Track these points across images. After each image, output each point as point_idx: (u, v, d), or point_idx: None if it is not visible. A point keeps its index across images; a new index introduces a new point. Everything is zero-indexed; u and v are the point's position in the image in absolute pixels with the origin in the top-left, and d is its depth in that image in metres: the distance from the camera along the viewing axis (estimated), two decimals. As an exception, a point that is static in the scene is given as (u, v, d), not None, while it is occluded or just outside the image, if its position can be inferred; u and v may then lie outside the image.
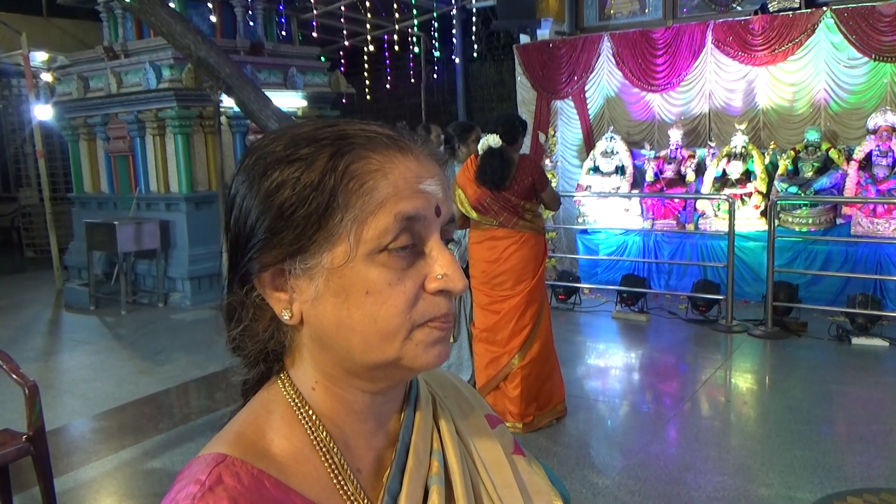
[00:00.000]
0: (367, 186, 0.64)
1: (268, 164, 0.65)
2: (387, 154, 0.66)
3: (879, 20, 6.29)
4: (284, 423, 0.68)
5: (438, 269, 0.66)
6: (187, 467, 0.65)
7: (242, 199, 0.66)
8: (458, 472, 0.73)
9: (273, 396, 0.70)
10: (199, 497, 0.60)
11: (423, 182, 0.66)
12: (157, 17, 6.09)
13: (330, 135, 0.66)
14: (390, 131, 0.68)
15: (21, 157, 12.37)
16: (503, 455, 0.80)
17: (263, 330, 0.69)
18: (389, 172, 0.65)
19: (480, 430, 0.82)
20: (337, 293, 0.64)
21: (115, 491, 3.64)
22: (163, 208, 7.92)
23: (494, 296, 4.01)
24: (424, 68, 12.50)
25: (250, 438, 0.67)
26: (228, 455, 0.64)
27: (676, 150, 7.37)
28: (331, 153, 0.65)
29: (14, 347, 5.72)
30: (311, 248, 0.64)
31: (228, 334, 0.71)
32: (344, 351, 0.66)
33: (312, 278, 0.65)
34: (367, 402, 0.70)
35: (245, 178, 0.67)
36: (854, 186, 6.42)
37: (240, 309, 0.70)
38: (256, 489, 0.63)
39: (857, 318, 5.60)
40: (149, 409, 4.71)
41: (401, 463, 0.71)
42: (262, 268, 0.66)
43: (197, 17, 7.87)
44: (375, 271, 0.64)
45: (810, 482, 3.39)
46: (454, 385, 0.86)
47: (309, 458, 0.67)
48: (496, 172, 3.87)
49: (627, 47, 7.55)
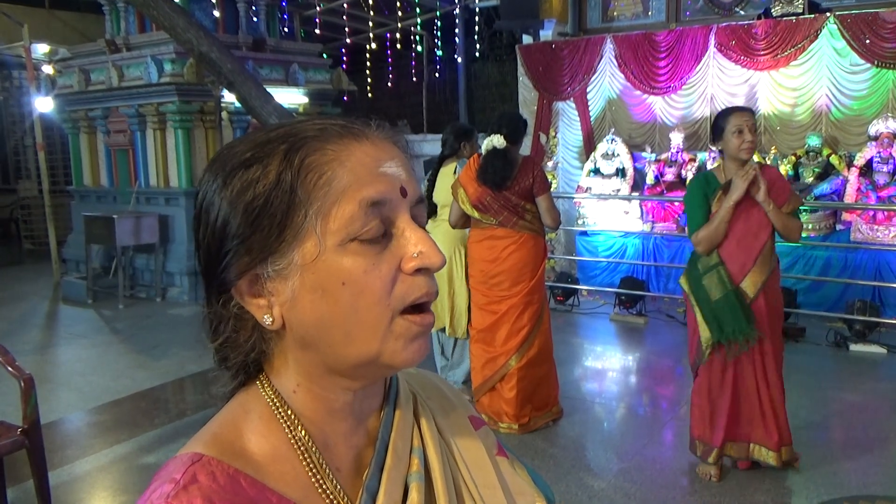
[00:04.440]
0: (325, 177, 0.64)
1: (227, 172, 0.65)
2: (341, 143, 0.66)
3: (882, 27, 6.29)
4: (262, 423, 0.68)
5: (413, 248, 0.65)
6: (164, 467, 0.65)
7: (208, 211, 0.66)
8: (438, 470, 0.73)
9: (251, 397, 0.70)
10: (173, 496, 0.60)
11: (383, 165, 0.66)
12: (160, 12, 6.09)
13: (282, 133, 0.66)
14: (342, 121, 0.68)
15: (21, 149, 12.36)
16: (486, 456, 0.80)
17: (245, 340, 0.69)
18: (346, 160, 0.65)
19: (463, 429, 0.81)
20: (314, 289, 0.64)
21: (109, 485, 3.63)
22: (162, 203, 7.91)
23: (492, 296, 4.01)
24: (426, 67, 12.50)
25: (227, 438, 0.67)
26: (204, 454, 0.64)
27: (677, 154, 7.37)
28: (285, 150, 0.64)
29: (10, 340, 5.71)
30: (280, 249, 0.64)
31: (213, 348, 0.70)
32: (327, 347, 0.66)
33: (287, 278, 0.64)
34: (348, 400, 0.70)
35: (208, 191, 0.67)
36: (854, 193, 6.42)
37: (220, 321, 0.69)
38: (232, 488, 0.62)
39: (856, 325, 5.60)
40: (145, 404, 4.70)
41: (380, 461, 0.71)
42: (237, 276, 0.65)
43: (199, 12, 7.86)
44: (349, 260, 0.63)
45: (806, 488, 3.38)
46: (436, 385, 0.86)
47: (287, 458, 0.67)
48: (498, 172, 3.87)
49: (630, 49, 7.55)
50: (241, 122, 8.05)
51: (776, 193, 3.23)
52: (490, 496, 0.76)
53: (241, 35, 8.23)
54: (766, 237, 3.24)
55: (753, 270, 3.24)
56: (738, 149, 3.17)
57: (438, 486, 0.72)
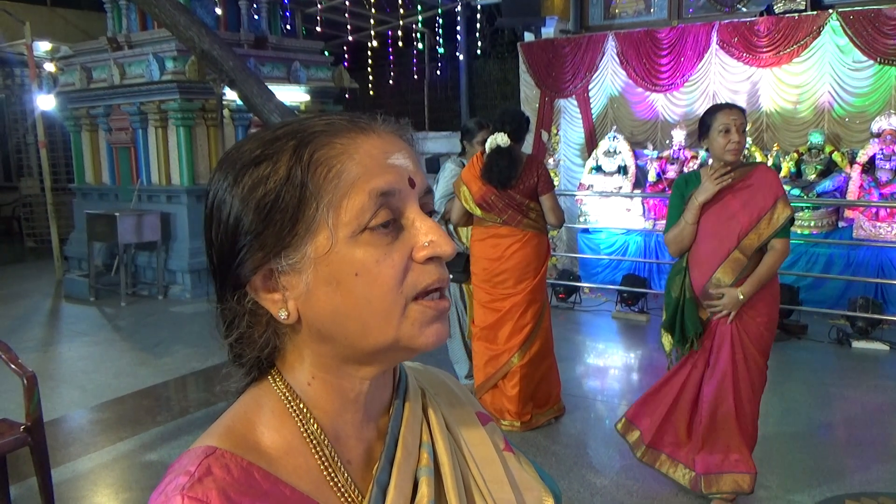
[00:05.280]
0: (335, 171, 0.65)
1: (238, 171, 0.66)
2: (349, 136, 0.67)
3: (885, 23, 6.27)
4: (275, 417, 0.69)
5: (423, 237, 0.67)
6: (178, 460, 0.66)
7: (220, 209, 0.67)
8: (447, 465, 0.73)
9: (264, 392, 0.71)
10: (188, 488, 0.61)
11: (391, 157, 0.67)
12: (162, 9, 6.07)
13: (290, 130, 0.67)
14: (348, 115, 0.70)
15: (23, 147, 12.37)
16: (494, 451, 0.81)
17: (259, 336, 0.69)
18: (355, 153, 0.66)
19: (471, 425, 0.82)
20: (328, 281, 0.65)
21: (112, 483, 3.63)
22: (164, 200, 7.91)
23: (496, 294, 4.00)
24: (428, 65, 12.49)
25: (240, 432, 0.68)
26: (218, 448, 0.65)
27: (679, 151, 7.36)
28: (294, 146, 0.66)
29: (13, 337, 5.72)
30: (293, 243, 0.65)
31: (227, 344, 0.71)
32: (343, 339, 0.67)
33: (301, 272, 0.65)
34: (363, 390, 0.71)
35: (219, 190, 0.67)
36: (857, 190, 6.41)
37: (234, 317, 0.70)
38: (246, 480, 0.63)
39: (858, 322, 5.59)
40: (147, 402, 4.71)
41: (390, 455, 0.71)
42: (252, 271, 0.66)
43: (201, 10, 7.85)
44: (361, 251, 0.64)
45: (808, 485, 3.38)
46: (444, 382, 0.87)
47: (299, 451, 0.68)
48: (503, 172, 3.86)
49: (632, 47, 7.53)
50: (242, 119, 8.06)
51: (762, 197, 2.96)
52: (498, 491, 0.77)
53: (242, 33, 8.23)
54: (734, 244, 2.95)
55: (716, 275, 2.99)
56: (724, 149, 2.91)
57: (448, 480, 0.72)
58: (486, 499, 0.75)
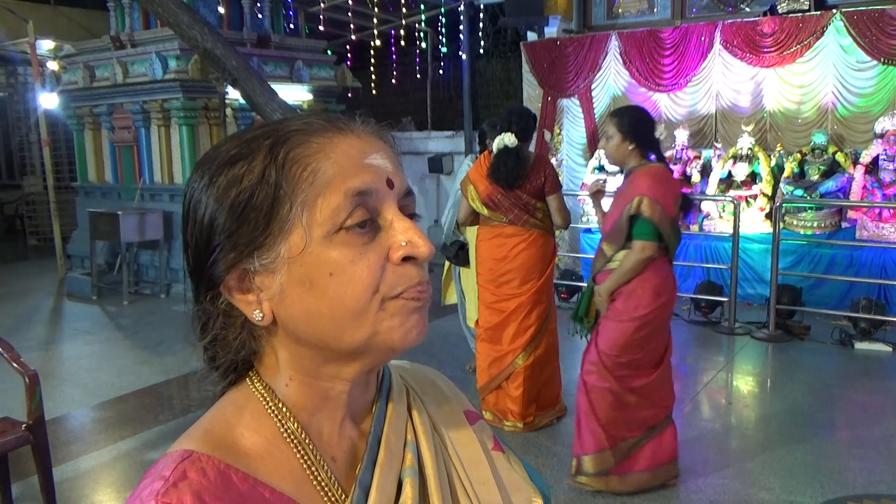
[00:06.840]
0: (310, 169, 0.64)
1: (214, 170, 0.66)
2: (325, 136, 0.66)
3: (889, 24, 6.25)
4: (254, 418, 0.68)
5: (400, 237, 0.66)
6: (154, 465, 0.65)
7: (196, 209, 0.66)
8: (431, 466, 0.72)
9: (242, 394, 0.70)
10: (162, 493, 0.60)
11: (369, 157, 0.67)
12: (164, 8, 6.08)
13: (267, 130, 0.67)
14: (326, 116, 0.69)
15: (26, 145, 12.38)
16: (481, 451, 0.80)
17: (234, 338, 0.69)
18: (331, 152, 0.65)
19: (457, 425, 0.81)
20: (301, 282, 0.64)
21: (113, 481, 3.64)
22: (166, 199, 7.92)
23: (501, 294, 3.99)
24: (431, 64, 12.48)
25: (218, 434, 0.67)
26: (195, 451, 0.64)
27: (682, 151, 7.35)
28: (270, 145, 0.65)
29: (15, 336, 5.72)
30: (267, 242, 0.64)
31: (202, 347, 0.71)
32: (318, 339, 0.66)
33: (275, 272, 0.64)
34: (344, 390, 0.70)
35: (195, 189, 0.67)
36: (860, 190, 6.40)
37: (208, 319, 0.69)
38: (223, 484, 0.62)
39: (861, 323, 5.58)
40: (149, 400, 4.71)
41: (372, 455, 0.70)
42: (225, 271, 0.65)
43: (204, 9, 7.84)
44: (336, 251, 0.63)
45: (811, 486, 3.38)
46: (431, 380, 0.86)
47: (280, 450, 0.67)
48: (511, 171, 3.85)
49: (635, 46, 7.52)
50: (245, 118, 8.05)
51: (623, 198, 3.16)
52: (484, 492, 0.76)
53: (245, 31, 8.22)
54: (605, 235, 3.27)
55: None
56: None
57: (431, 482, 0.71)
58: (471, 500, 0.74)
